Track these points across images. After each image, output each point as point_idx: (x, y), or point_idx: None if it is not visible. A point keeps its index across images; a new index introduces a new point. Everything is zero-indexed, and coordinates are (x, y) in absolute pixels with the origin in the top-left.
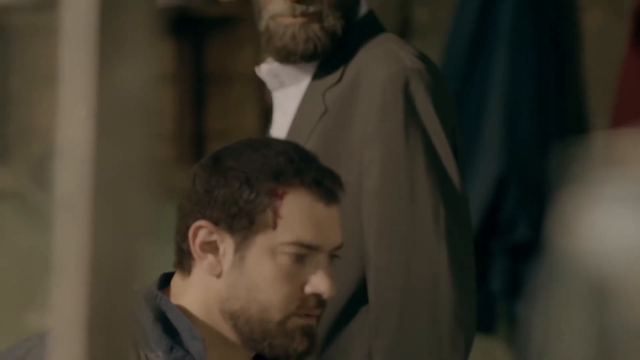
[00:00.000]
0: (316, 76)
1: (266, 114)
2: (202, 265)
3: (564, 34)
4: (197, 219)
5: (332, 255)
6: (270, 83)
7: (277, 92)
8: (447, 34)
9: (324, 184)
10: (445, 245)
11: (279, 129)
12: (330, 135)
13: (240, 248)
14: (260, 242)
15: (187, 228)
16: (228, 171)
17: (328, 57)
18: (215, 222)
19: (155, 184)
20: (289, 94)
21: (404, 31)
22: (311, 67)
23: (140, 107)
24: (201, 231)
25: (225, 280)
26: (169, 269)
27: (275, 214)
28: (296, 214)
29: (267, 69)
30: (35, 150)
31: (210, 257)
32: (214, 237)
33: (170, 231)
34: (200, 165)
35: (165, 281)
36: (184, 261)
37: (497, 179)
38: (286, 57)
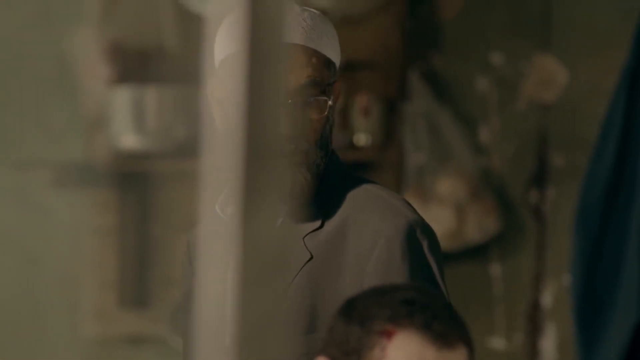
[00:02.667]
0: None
1: None
2: None
3: None
4: (319, 354)
5: None
6: None
7: None
8: (583, 179)
9: (434, 328)
10: None
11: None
12: (317, 283)
13: None
14: None
15: None
16: (351, 312)
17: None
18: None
19: (296, 330)
20: None
21: (540, 176)
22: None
23: (281, 252)
24: None
25: None
26: None
27: (382, 353)
28: (403, 355)
29: None
30: (174, 296)
31: None
32: None
33: None
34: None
35: None
36: None
37: (635, 324)
38: None
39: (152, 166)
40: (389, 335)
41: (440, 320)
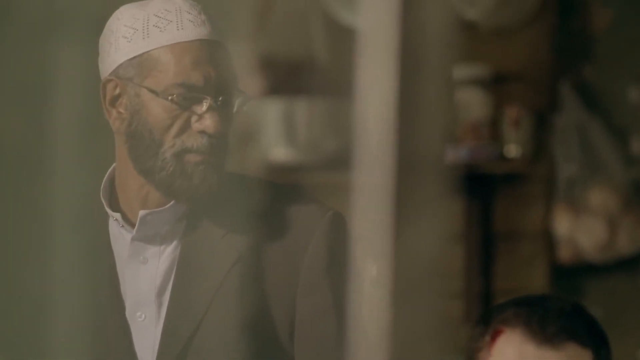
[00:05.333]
0: (195, 221)
1: (555, 271)
2: None
3: None
4: None
5: None
6: (141, 229)
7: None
8: None
9: (535, 325)
10: None
11: (137, 278)
12: (248, 283)
13: None
14: None
15: None
16: (483, 315)
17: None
18: None
19: (446, 342)
20: (153, 240)
21: None
22: (185, 210)
23: (432, 266)
24: None
25: None
26: None
27: (489, 353)
28: (503, 354)
29: (144, 215)
30: None
31: None
32: None
33: None
34: None
35: None
36: None
37: None
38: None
39: (303, 179)
40: (497, 334)
41: (546, 318)
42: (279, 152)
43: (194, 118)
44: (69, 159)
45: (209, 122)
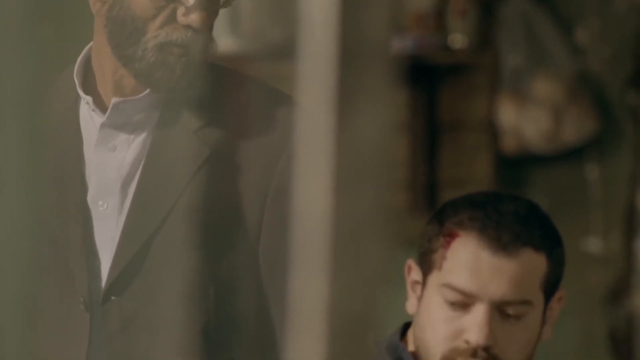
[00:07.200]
0: (170, 113)
1: (499, 161)
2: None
3: None
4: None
5: (507, 313)
6: (112, 116)
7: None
8: None
9: (491, 231)
10: None
11: (103, 165)
12: (218, 180)
13: (423, 287)
14: (430, 282)
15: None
16: (438, 213)
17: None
18: (418, 262)
19: (390, 232)
20: (123, 128)
21: (638, 78)
22: (160, 101)
23: (377, 154)
24: (410, 269)
25: (415, 318)
26: (404, 317)
27: (443, 255)
28: (459, 257)
29: (117, 102)
30: None
31: (412, 296)
32: (415, 275)
33: (403, 279)
34: None
35: (406, 330)
36: None
37: None
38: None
39: (247, 69)
40: (451, 238)
41: (502, 225)
42: (224, 41)
43: (180, 11)
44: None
45: (195, 17)
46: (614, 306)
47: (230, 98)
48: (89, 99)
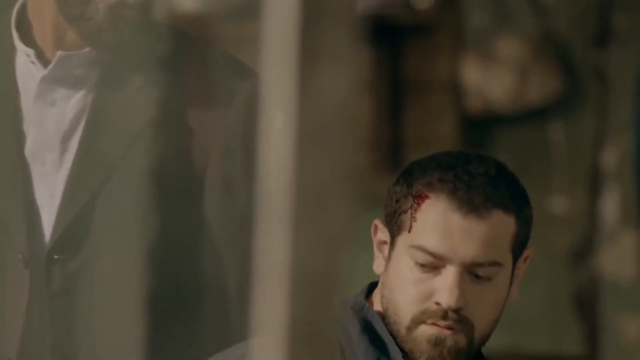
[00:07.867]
0: (114, 68)
1: (464, 121)
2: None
3: None
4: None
5: (477, 275)
6: (55, 70)
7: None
8: None
9: (461, 193)
10: None
11: (42, 120)
12: (170, 138)
13: (391, 248)
14: (399, 243)
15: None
16: (405, 172)
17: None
18: (385, 222)
19: (354, 191)
20: (63, 83)
21: (603, 38)
22: (104, 58)
23: (340, 114)
24: (377, 229)
25: (382, 279)
26: (369, 277)
27: (412, 217)
28: (429, 219)
29: (62, 56)
30: None
31: (379, 256)
32: (382, 236)
33: (368, 239)
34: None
35: (372, 290)
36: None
37: None
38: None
39: (210, 30)
40: (421, 199)
41: (472, 187)
42: (187, 2)
43: None
44: None
45: None
46: (578, 266)
47: (185, 62)
48: (31, 51)
